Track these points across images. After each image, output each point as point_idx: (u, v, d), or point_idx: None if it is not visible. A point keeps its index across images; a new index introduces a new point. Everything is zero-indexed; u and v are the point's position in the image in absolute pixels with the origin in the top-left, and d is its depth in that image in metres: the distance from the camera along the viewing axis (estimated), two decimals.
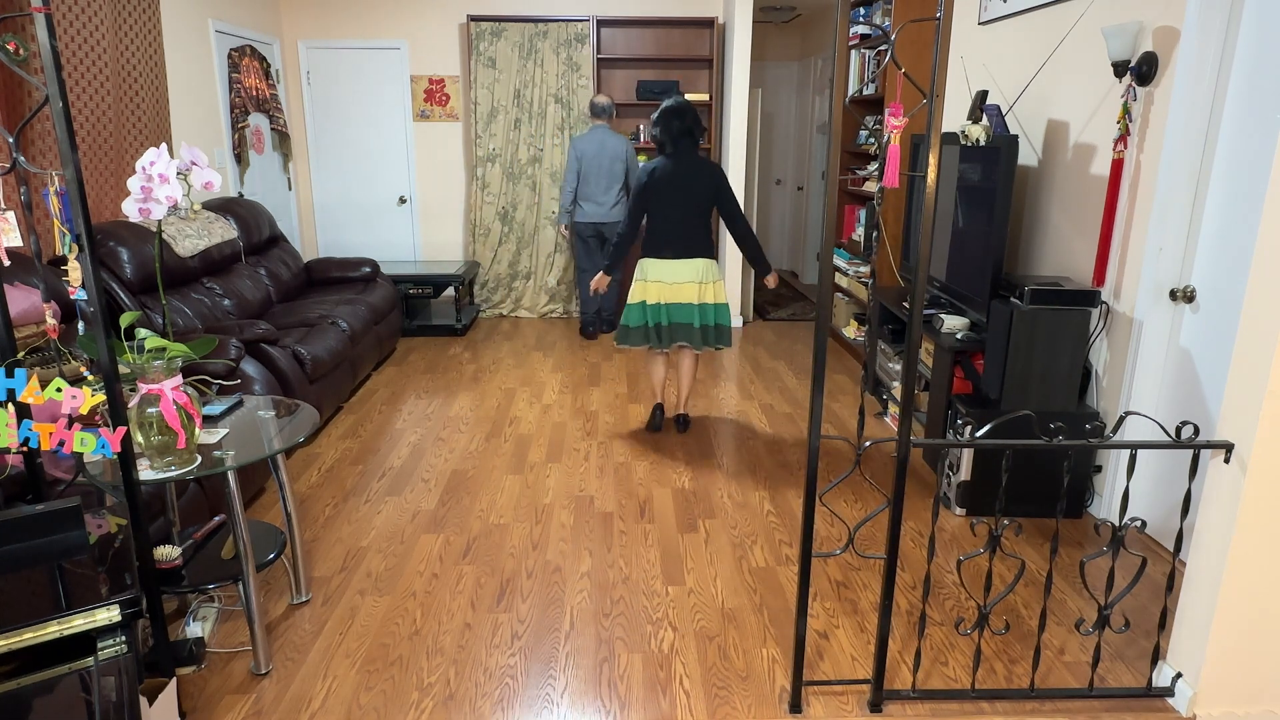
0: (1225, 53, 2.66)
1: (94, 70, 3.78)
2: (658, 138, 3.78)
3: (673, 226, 3.76)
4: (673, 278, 3.80)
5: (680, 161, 3.74)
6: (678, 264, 3.79)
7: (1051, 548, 2.09)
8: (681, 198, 3.73)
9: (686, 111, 3.75)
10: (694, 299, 3.80)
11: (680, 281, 3.80)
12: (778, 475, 3.63)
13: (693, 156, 3.77)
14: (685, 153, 3.76)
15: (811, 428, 1.95)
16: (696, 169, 3.74)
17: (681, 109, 3.75)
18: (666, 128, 3.75)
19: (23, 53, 1.77)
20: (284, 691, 2.22)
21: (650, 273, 3.84)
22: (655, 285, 3.83)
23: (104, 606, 1.54)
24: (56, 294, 3.08)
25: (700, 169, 3.75)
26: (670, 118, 3.75)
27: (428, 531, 3.09)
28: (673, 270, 3.80)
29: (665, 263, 3.80)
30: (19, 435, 1.75)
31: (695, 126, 3.77)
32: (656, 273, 3.82)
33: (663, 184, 3.73)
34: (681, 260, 3.79)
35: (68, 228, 1.74)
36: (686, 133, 3.74)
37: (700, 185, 3.74)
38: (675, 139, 3.75)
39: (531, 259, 6.60)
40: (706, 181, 3.75)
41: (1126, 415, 2.05)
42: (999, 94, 3.90)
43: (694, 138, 3.77)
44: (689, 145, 3.77)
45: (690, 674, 2.30)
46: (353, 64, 6.42)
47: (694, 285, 3.80)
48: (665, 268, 3.81)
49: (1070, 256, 3.39)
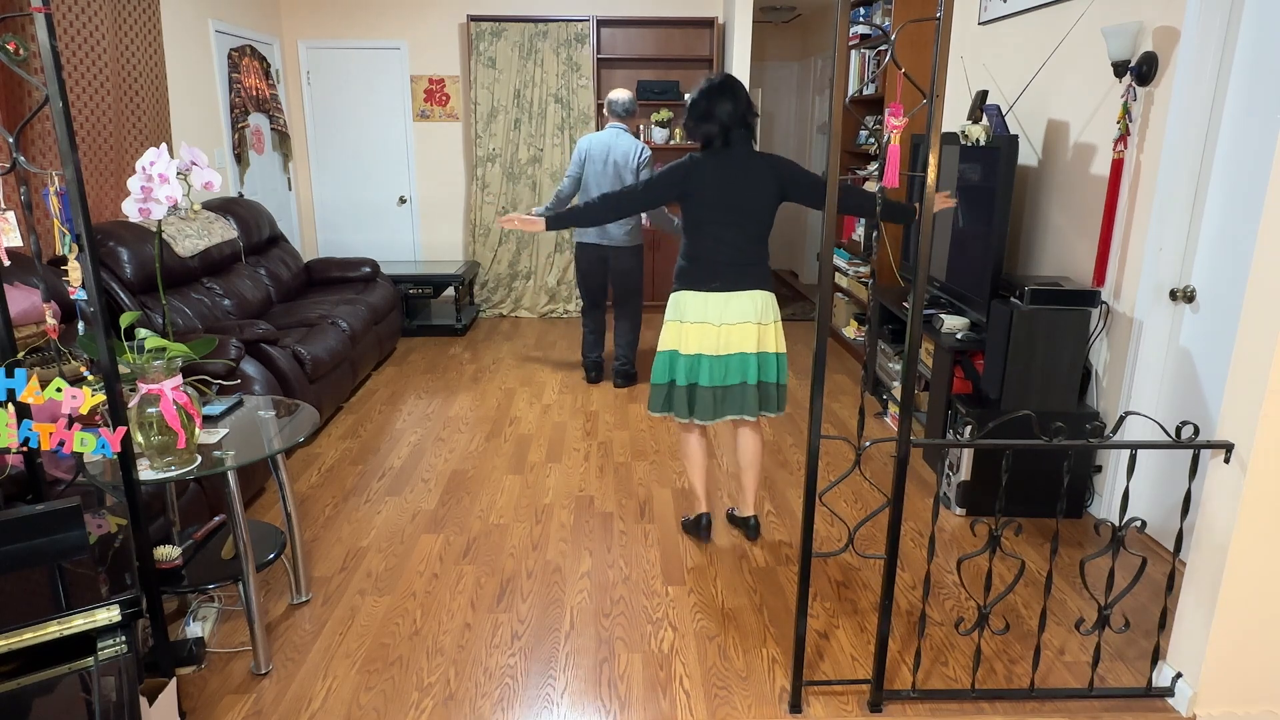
0: (1225, 53, 2.66)
1: (94, 70, 3.78)
2: (697, 128, 2.79)
3: (725, 248, 2.77)
4: (722, 318, 2.78)
5: (733, 160, 2.73)
6: (731, 299, 2.78)
7: (1051, 548, 2.09)
8: (738, 210, 2.74)
9: (738, 92, 2.74)
10: (752, 347, 2.81)
11: (733, 323, 2.78)
12: (778, 475, 3.62)
13: (749, 152, 2.76)
14: (739, 147, 2.75)
15: (811, 428, 1.95)
16: (755, 169, 2.74)
17: (730, 86, 2.73)
18: (710, 114, 2.73)
19: (23, 53, 1.77)
20: (284, 691, 2.22)
21: (690, 311, 2.81)
22: (698, 329, 2.80)
23: (104, 606, 1.54)
24: (56, 294, 3.08)
25: (760, 168, 2.74)
26: (716, 99, 2.72)
27: (428, 531, 3.09)
28: (723, 308, 2.78)
29: (714, 297, 2.79)
30: (19, 435, 1.75)
31: (749, 112, 2.76)
32: (700, 311, 2.80)
33: (711, 190, 2.72)
34: (736, 294, 2.79)
35: (68, 228, 1.74)
36: (740, 121, 2.74)
37: (762, 192, 2.74)
38: (726, 129, 2.73)
39: (531, 259, 6.60)
40: (770, 185, 2.74)
41: (1126, 415, 2.05)
42: (999, 94, 3.90)
43: (748, 127, 2.77)
44: (743, 137, 2.76)
45: (690, 674, 2.30)
46: (353, 64, 6.42)
47: (753, 328, 2.80)
48: (713, 304, 2.78)
49: (1070, 256, 3.39)
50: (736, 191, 2.74)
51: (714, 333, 2.80)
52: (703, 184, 2.74)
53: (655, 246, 6.58)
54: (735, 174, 2.74)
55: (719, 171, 2.74)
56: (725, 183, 2.73)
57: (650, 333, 6.05)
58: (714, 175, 2.73)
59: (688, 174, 2.76)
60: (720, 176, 2.73)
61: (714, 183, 2.73)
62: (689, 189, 2.76)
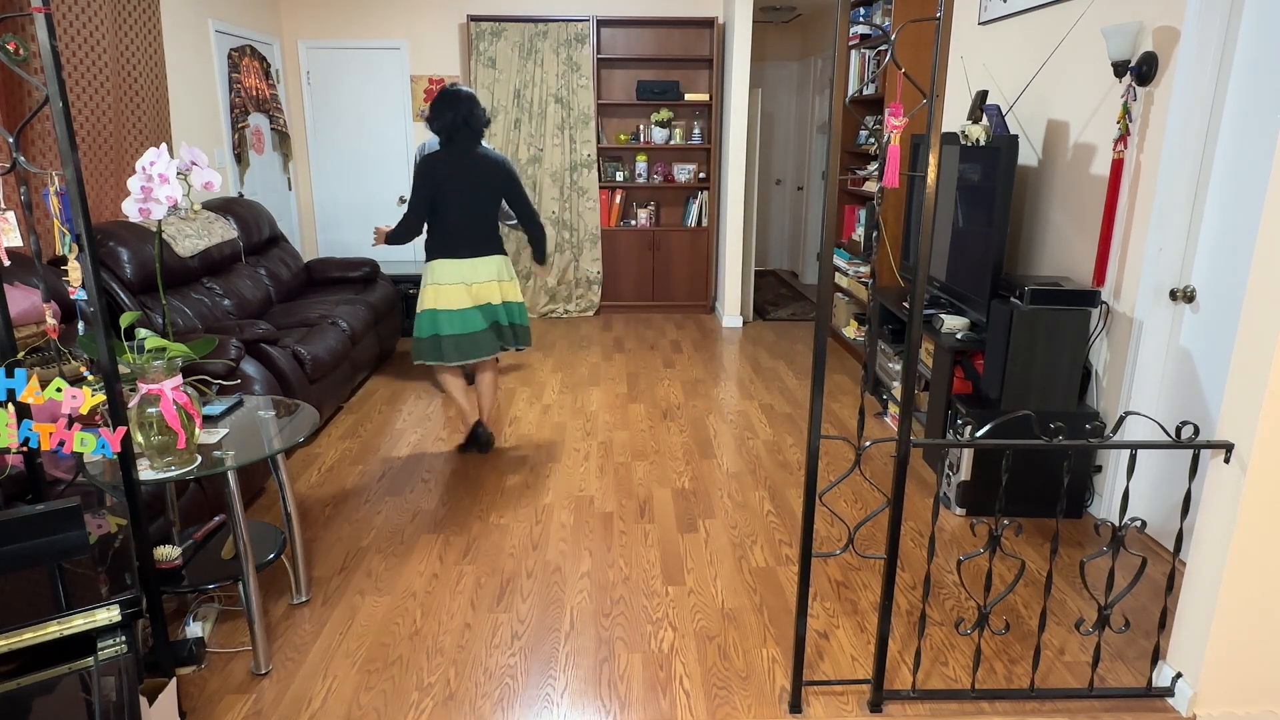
0: (1225, 53, 2.66)
1: (94, 70, 3.78)
2: (430, 127, 3.46)
3: (468, 223, 3.48)
4: (473, 277, 3.51)
5: (464, 155, 3.44)
6: (478, 263, 3.52)
7: (1051, 548, 2.09)
8: (474, 194, 3.46)
9: (461, 101, 3.40)
10: (497, 298, 3.57)
11: (482, 281, 3.52)
12: (778, 475, 3.62)
13: (475, 150, 3.46)
14: (466, 146, 3.44)
15: (811, 428, 1.95)
16: (482, 162, 3.46)
17: (455, 98, 3.40)
18: (441, 118, 3.41)
19: (23, 53, 1.77)
20: (284, 691, 2.22)
21: (446, 274, 3.49)
22: (452, 289, 3.49)
23: (104, 606, 1.54)
24: (56, 294, 3.08)
25: (486, 161, 3.47)
26: (443, 108, 3.41)
27: (428, 531, 3.09)
28: (473, 270, 3.51)
29: (464, 262, 3.50)
30: (19, 435, 1.75)
31: (473, 118, 3.42)
32: (455, 274, 3.49)
33: (450, 180, 3.42)
34: (482, 259, 3.52)
35: (68, 228, 1.74)
36: (464, 125, 3.41)
37: (489, 179, 3.48)
38: (451, 132, 3.42)
39: (531, 259, 6.61)
40: (494, 177, 3.49)
41: (1126, 415, 2.05)
42: (999, 94, 3.90)
43: (473, 130, 3.44)
44: (468, 139, 3.44)
45: (690, 674, 2.30)
46: (353, 64, 6.42)
47: (495, 284, 3.56)
48: (464, 268, 3.50)
49: (1070, 256, 3.39)
50: (470, 180, 3.46)
51: (466, 291, 3.51)
52: (444, 175, 3.43)
53: (655, 246, 6.59)
54: (467, 167, 3.45)
55: (453, 165, 3.44)
56: (460, 173, 3.44)
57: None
58: (450, 168, 3.43)
59: (432, 170, 3.42)
60: (455, 169, 3.44)
61: (451, 174, 3.44)
62: (437, 181, 3.43)
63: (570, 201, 6.48)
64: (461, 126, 3.41)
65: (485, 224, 3.52)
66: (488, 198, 3.49)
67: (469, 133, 3.43)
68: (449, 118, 3.39)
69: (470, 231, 3.48)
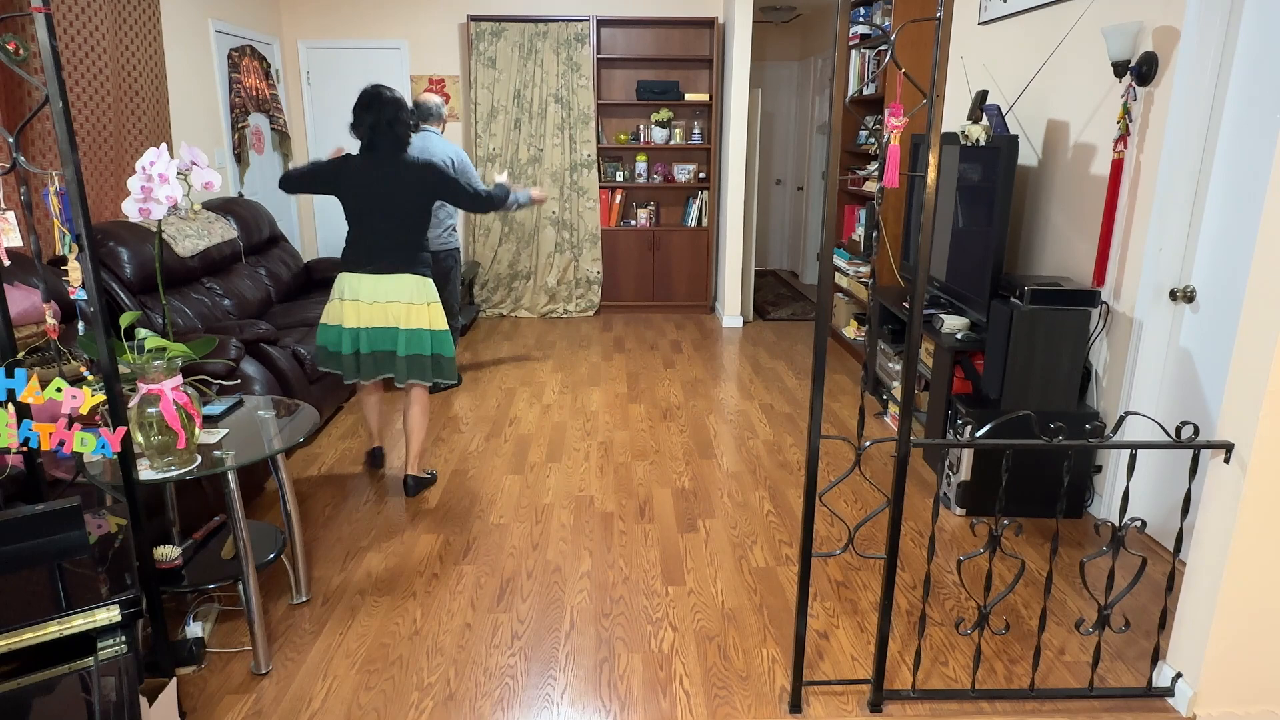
0: (1225, 53, 2.66)
1: (94, 70, 3.78)
2: (351, 132, 3.17)
3: (377, 237, 3.13)
4: (373, 296, 3.15)
5: (381, 164, 3.11)
6: (382, 280, 3.14)
7: (1051, 548, 2.09)
8: (388, 207, 3.12)
9: (384, 105, 3.10)
10: (402, 322, 3.17)
11: (384, 301, 3.15)
12: (778, 475, 3.62)
13: (395, 157, 3.13)
14: (384, 152, 3.12)
15: (811, 428, 1.95)
16: (405, 172, 3.12)
17: (375, 100, 3.10)
18: (360, 123, 3.12)
19: (23, 53, 1.77)
20: (284, 691, 2.22)
21: (347, 289, 3.17)
22: (353, 305, 3.16)
23: (104, 606, 1.54)
24: (56, 294, 3.08)
25: (410, 171, 3.12)
26: (362, 112, 3.11)
27: (428, 531, 3.09)
28: (374, 287, 3.14)
29: (367, 278, 3.15)
30: (19, 435, 1.75)
31: (397, 124, 3.12)
32: (354, 290, 3.16)
33: (360, 188, 3.11)
34: (388, 276, 3.15)
35: (68, 228, 1.74)
36: (387, 129, 3.11)
37: (409, 190, 3.13)
38: (371, 138, 3.12)
39: (531, 259, 6.60)
40: (417, 187, 3.13)
41: (1126, 415, 2.05)
42: (999, 94, 3.90)
43: (396, 135, 3.13)
44: (390, 146, 3.13)
45: (690, 674, 2.30)
46: (353, 64, 6.42)
47: (403, 306, 3.16)
48: (366, 285, 3.15)
49: (1070, 256, 3.39)
50: (384, 192, 3.13)
51: (366, 309, 3.17)
52: (352, 181, 3.13)
53: (655, 246, 6.59)
54: (382, 176, 3.12)
55: (367, 173, 3.12)
56: (374, 183, 3.12)
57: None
58: (362, 175, 3.13)
59: (338, 170, 3.15)
60: (369, 177, 3.12)
61: (363, 181, 3.12)
62: (339, 183, 3.15)
63: (570, 201, 6.48)
64: (386, 131, 3.10)
65: (396, 240, 3.15)
66: (405, 212, 3.14)
67: (392, 139, 3.12)
68: (369, 122, 3.10)
69: (377, 247, 3.14)
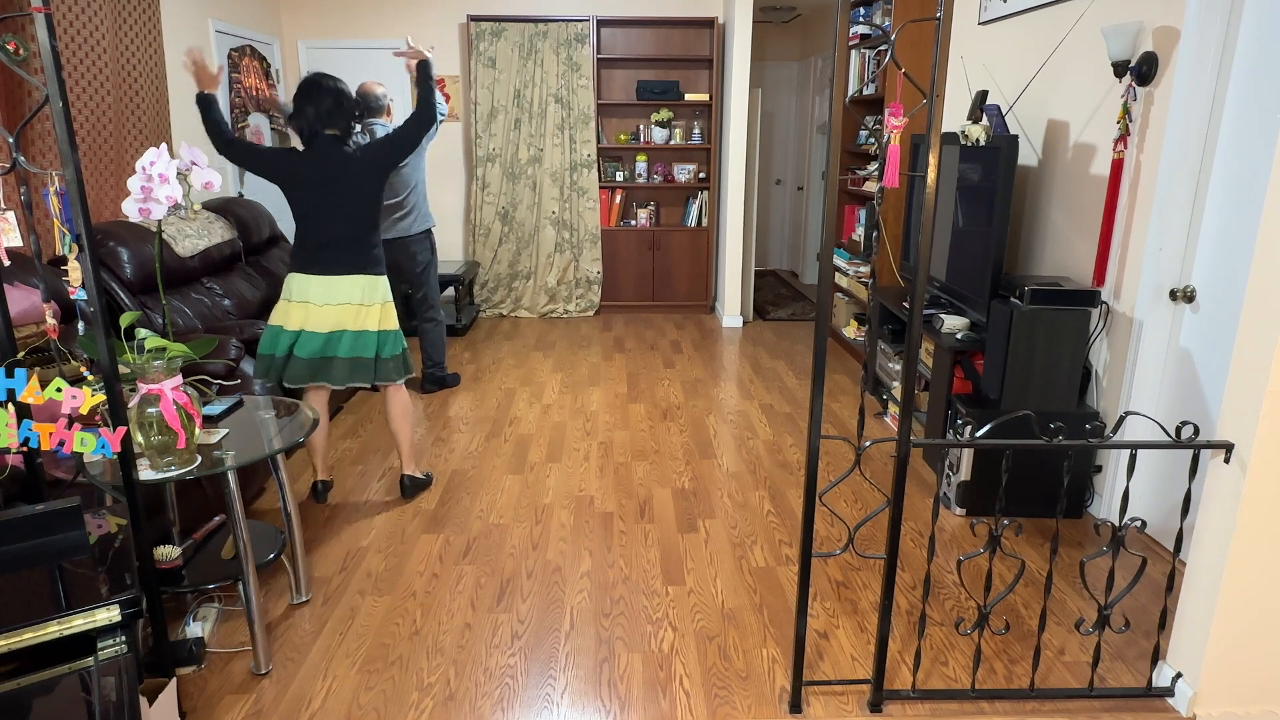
0: (1225, 53, 2.66)
1: (94, 70, 3.78)
2: (289, 124, 3.00)
3: (325, 237, 2.95)
4: (324, 299, 2.97)
5: (322, 159, 2.91)
6: (332, 281, 2.97)
7: (1051, 548, 2.09)
8: (336, 205, 2.93)
9: (324, 94, 2.90)
10: (349, 325, 3.00)
11: (334, 303, 2.98)
12: (778, 475, 3.62)
13: (337, 152, 2.92)
14: (325, 147, 2.92)
15: (811, 428, 1.95)
16: (349, 165, 2.92)
17: (315, 89, 2.89)
18: (299, 115, 2.91)
19: (23, 53, 1.77)
20: (284, 691, 2.22)
21: (295, 291, 2.99)
22: (301, 307, 2.98)
23: (104, 606, 1.54)
24: (56, 294, 3.08)
25: (353, 165, 2.92)
26: (302, 101, 2.90)
27: (428, 531, 3.09)
28: (324, 289, 2.97)
29: (315, 279, 2.97)
30: (19, 435, 1.75)
31: (337, 113, 2.91)
32: (303, 291, 2.98)
33: (305, 185, 2.91)
34: (338, 277, 2.97)
35: (68, 228, 1.74)
36: (325, 124, 2.91)
37: (355, 184, 2.94)
38: (311, 132, 2.92)
39: (531, 259, 6.60)
40: (365, 175, 2.94)
41: (1126, 415, 2.05)
42: (999, 94, 3.90)
43: (338, 129, 2.94)
44: (328, 143, 2.92)
45: (690, 674, 2.30)
46: (353, 64, 6.41)
47: (353, 308, 3.00)
48: (315, 286, 2.97)
49: (1070, 256, 3.39)
50: (328, 191, 2.93)
51: (316, 312, 2.99)
52: (295, 177, 2.92)
53: (655, 246, 6.59)
54: (326, 173, 2.92)
55: (312, 170, 2.91)
56: (318, 181, 2.92)
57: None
58: (307, 172, 2.91)
59: (286, 159, 2.93)
60: (313, 175, 2.91)
61: (308, 179, 2.92)
62: (285, 178, 2.93)
63: (570, 201, 6.48)
64: (326, 122, 2.92)
65: (346, 240, 2.97)
66: (353, 208, 2.96)
67: (333, 132, 2.94)
68: (309, 114, 2.89)
69: (326, 248, 2.97)
